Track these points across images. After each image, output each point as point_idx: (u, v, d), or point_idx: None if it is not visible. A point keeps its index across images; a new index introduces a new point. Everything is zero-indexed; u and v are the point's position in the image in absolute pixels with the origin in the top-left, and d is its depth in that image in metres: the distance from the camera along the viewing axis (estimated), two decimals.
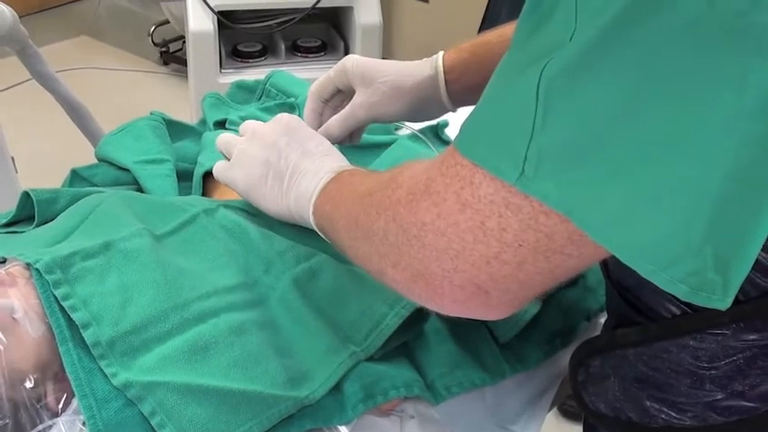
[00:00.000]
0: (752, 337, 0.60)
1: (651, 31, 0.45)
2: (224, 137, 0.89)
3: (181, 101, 3.00)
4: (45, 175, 2.06)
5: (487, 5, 2.36)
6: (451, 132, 1.13)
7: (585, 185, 0.48)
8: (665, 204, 0.47)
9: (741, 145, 0.46)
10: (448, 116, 1.14)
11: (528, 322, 0.84)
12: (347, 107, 0.93)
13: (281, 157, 0.82)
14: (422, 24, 3.02)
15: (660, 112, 0.46)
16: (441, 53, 0.93)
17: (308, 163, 0.80)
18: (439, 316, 0.82)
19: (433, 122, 1.13)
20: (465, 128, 0.55)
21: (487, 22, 2.34)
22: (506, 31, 0.90)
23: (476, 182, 0.52)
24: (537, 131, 0.49)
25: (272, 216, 0.84)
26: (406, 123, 1.13)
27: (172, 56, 3.35)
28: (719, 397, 0.62)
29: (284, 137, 0.83)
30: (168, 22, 3.17)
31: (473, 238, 0.52)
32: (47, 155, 2.56)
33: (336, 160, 0.80)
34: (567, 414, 1.84)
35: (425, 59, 0.94)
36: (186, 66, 2.90)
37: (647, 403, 0.66)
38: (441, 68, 0.91)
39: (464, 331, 0.84)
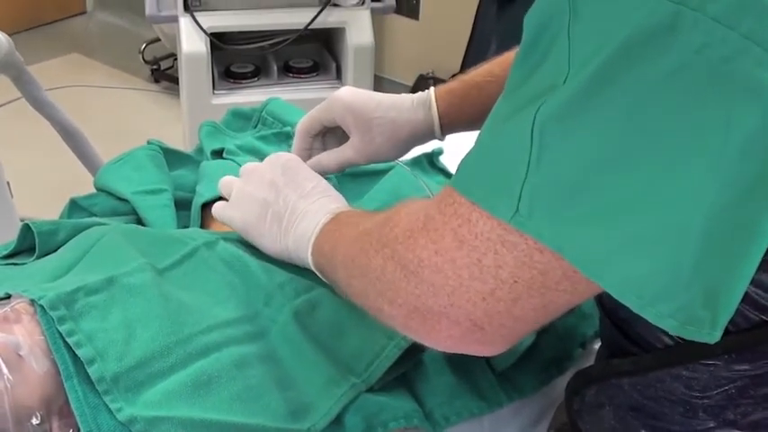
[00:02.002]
0: (743, 367, 0.61)
1: (640, 76, 0.47)
2: (225, 179, 0.91)
3: (172, 119, 3.00)
4: (39, 195, 2.06)
5: (474, 24, 2.38)
6: (445, 160, 1.15)
7: (576, 224, 0.50)
8: (652, 244, 0.49)
9: (725, 185, 0.47)
10: (442, 145, 1.16)
11: (524, 351, 0.85)
12: (343, 149, 0.94)
13: (279, 196, 0.83)
14: (413, 42, 3.04)
15: (646, 155, 0.48)
16: (432, 93, 0.94)
17: (306, 204, 0.81)
18: None
19: (428, 150, 1.14)
20: (462, 167, 0.56)
21: (475, 41, 2.36)
22: (493, 68, 0.92)
23: (473, 219, 0.53)
24: (531, 171, 0.50)
25: (270, 255, 0.86)
26: None
27: (163, 73, 3.36)
28: (712, 425, 0.64)
29: (282, 177, 0.84)
30: (159, 40, 3.18)
31: (469, 274, 0.54)
32: (41, 173, 2.57)
33: (334, 201, 0.82)
34: None
35: (417, 98, 0.95)
36: (177, 83, 2.91)
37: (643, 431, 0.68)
38: (436, 114, 0.93)
39: (462, 361, 0.85)
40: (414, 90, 2.97)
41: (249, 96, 2.40)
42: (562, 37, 0.50)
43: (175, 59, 3.20)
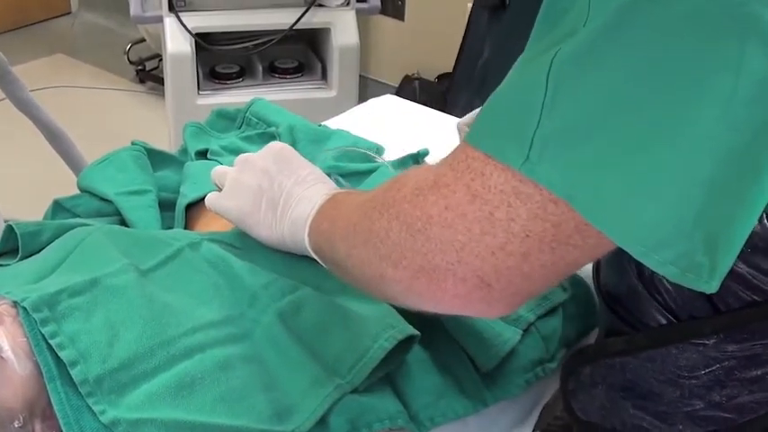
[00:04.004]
0: (731, 348, 0.63)
1: (655, 18, 0.47)
2: (218, 168, 0.90)
3: (157, 119, 2.99)
4: (22, 195, 2.04)
5: (466, 29, 2.38)
6: (431, 160, 1.15)
7: (585, 169, 0.50)
8: (658, 188, 0.49)
9: (732, 130, 0.48)
10: (428, 145, 1.16)
11: (508, 352, 0.85)
12: None
13: (273, 183, 0.83)
14: (398, 43, 3.04)
15: (657, 98, 0.48)
16: None
17: (301, 190, 0.81)
18: (421, 345, 0.84)
19: (414, 151, 1.15)
20: (476, 122, 0.56)
21: (467, 47, 2.35)
22: None
23: (486, 173, 0.53)
24: (544, 116, 0.50)
25: (264, 244, 0.85)
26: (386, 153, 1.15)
27: (148, 74, 3.35)
28: (699, 406, 0.65)
29: (275, 164, 0.84)
30: (144, 41, 3.17)
31: (480, 229, 0.53)
32: (23, 174, 2.55)
33: (329, 187, 0.81)
34: None
35: None
36: (163, 84, 2.90)
37: (632, 411, 0.69)
38: None
39: (446, 361, 0.85)
40: (400, 91, 2.99)
41: (234, 97, 2.40)
42: None
43: (161, 60, 3.19)
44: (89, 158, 1.63)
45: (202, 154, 1.11)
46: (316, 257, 0.79)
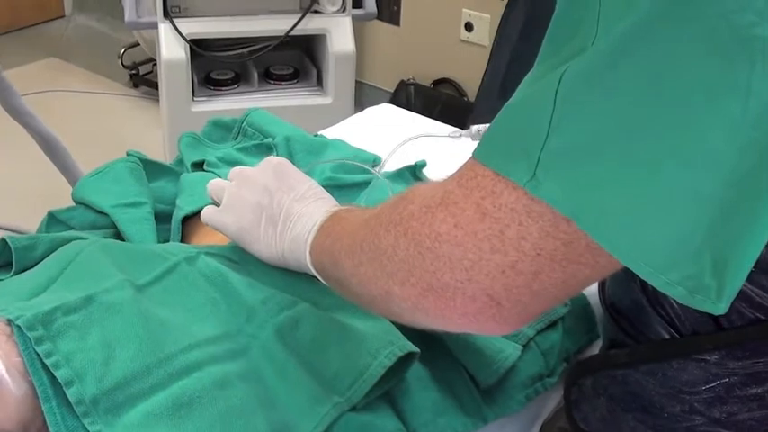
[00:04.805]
0: (733, 364, 0.63)
1: (665, 39, 0.47)
2: (214, 182, 0.89)
3: (151, 124, 2.98)
4: (16, 204, 2.03)
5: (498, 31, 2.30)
6: (428, 172, 1.14)
7: (591, 188, 0.49)
8: (665, 209, 0.49)
9: (741, 152, 0.47)
10: (426, 156, 1.15)
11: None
12: None
13: (273, 200, 0.82)
14: (393, 48, 3.04)
15: (666, 119, 0.47)
16: None
17: (301, 207, 0.81)
18: (420, 362, 0.83)
19: (411, 163, 1.14)
20: (484, 138, 0.56)
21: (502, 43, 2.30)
22: None
23: (497, 191, 0.52)
24: (551, 134, 0.50)
25: (263, 260, 0.85)
26: (382, 165, 1.14)
27: (142, 78, 3.34)
28: (699, 422, 0.65)
29: (275, 180, 0.84)
30: (138, 45, 3.16)
31: (490, 247, 0.53)
32: (17, 181, 2.54)
33: (329, 203, 0.81)
34: None
35: None
36: (156, 88, 2.88)
37: (632, 423, 0.70)
38: None
39: (446, 378, 0.84)
40: (395, 96, 2.98)
41: (229, 104, 2.39)
42: (593, 2, 0.50)
43: (154, 64, 3.18)
44: (82, 163, 1.62)
45: (198, 165, 1.10)
46: (317, 275, 0.78)
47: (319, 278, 0.78)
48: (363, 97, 2.95)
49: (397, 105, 1.48)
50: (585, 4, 0.50)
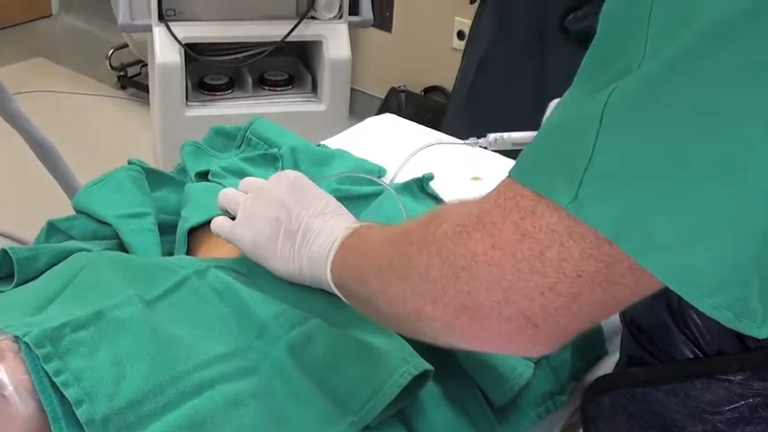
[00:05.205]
0: (757, 385, 0.63)
1: (716, 66, 0.46)
2: (227, 192, 0.88)
3: (138, 126, 2.95)
4: (12, 209, 2.00)
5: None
6: (435, 185, 1.13)
7: (635, 210, 0.49)
8: (714, 233, 0.48)
9: None
10: (433, 169, 1.14)
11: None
12: None
13: (291, 215, 0.81)
14: (385, 55, 3.03)
15: (715, 142, 0.47)
16: None
17: (320, 222, 0.79)
18: (434, 379, 0.82)
19: (419, 176, 1.13)
20: (522, 158, 0.55)
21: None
22: None
23: (538, 212, 0.52)
24: (596, 155, 0.49)
25: (279, 276, 0.83)
26: (395, 176, 1.13)
27: (130, 80, 3.31)
28: None
29: (292, 195, 0.82)
30: (126, 46, 3.13)
31: (530, 268, 0.52)
32: (12, 186, 2.51)
33: (349, 220, 0.80)
34: None
35: None
36: (144, 90, 2.86)
37: None
38: None
39: (459, 396, 0.83)
40: (386, 103, 2.96)
41: (223, 109, 2.37)
42: (642, 21, 0.49)
43: (143, 66, 3.15)
44: (69, 164, 1.59)
45: (203, 175, 1.08)
46: (337, 292, 0.76)
47: (339, 295, 0.76)
48: (353, 104, 2.94)
49: (387, 113, 1.47)
50: (633, 24, 0.50)
